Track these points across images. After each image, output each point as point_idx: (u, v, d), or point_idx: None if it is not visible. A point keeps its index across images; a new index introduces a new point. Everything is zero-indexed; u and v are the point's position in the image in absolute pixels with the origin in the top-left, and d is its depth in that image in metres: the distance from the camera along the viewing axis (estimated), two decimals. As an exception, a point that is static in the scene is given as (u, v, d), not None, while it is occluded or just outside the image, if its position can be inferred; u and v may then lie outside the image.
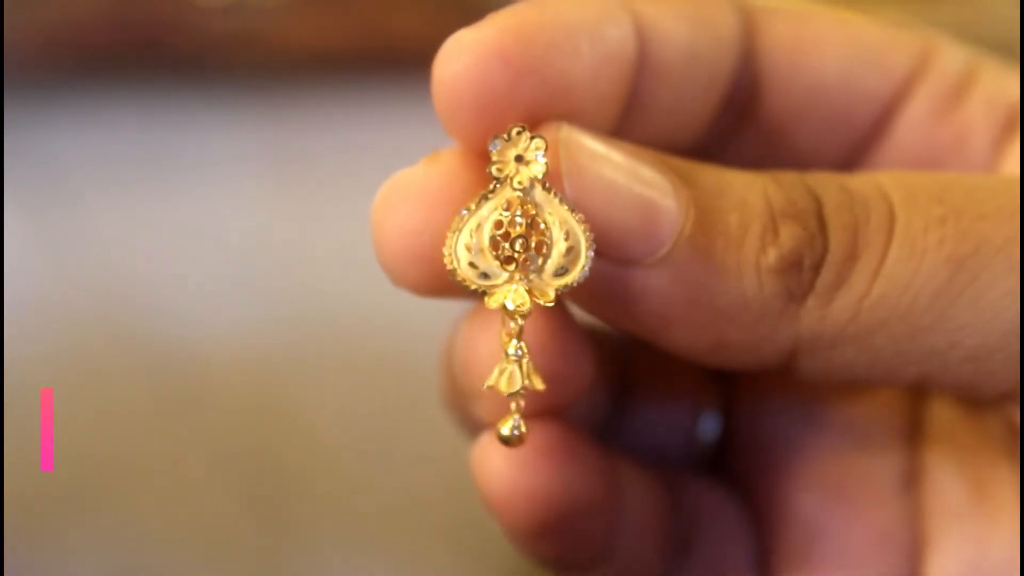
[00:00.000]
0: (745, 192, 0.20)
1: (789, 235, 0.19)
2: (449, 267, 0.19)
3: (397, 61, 0.54)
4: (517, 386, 0.19)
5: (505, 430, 0.19)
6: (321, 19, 0.57)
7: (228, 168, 0.54)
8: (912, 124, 0.24)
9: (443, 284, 0.20)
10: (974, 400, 0.24)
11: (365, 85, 0.55)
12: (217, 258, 0.52)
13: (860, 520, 0.24)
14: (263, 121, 0.55)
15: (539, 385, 0.19)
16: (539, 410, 0.21)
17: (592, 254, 0.19)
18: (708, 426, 0.26)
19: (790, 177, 0.20)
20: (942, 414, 0.25)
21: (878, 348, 0.20)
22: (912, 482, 0.25)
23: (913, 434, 0.25)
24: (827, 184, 0.20)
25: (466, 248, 0.19)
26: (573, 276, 0.19)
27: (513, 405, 0.19)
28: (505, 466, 0.21)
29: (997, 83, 0.24)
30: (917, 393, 0.25)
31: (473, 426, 0.23)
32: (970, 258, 0.19)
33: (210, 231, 0.52)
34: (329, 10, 0.56)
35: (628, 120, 0.21)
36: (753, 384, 0.26)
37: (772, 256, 0.19)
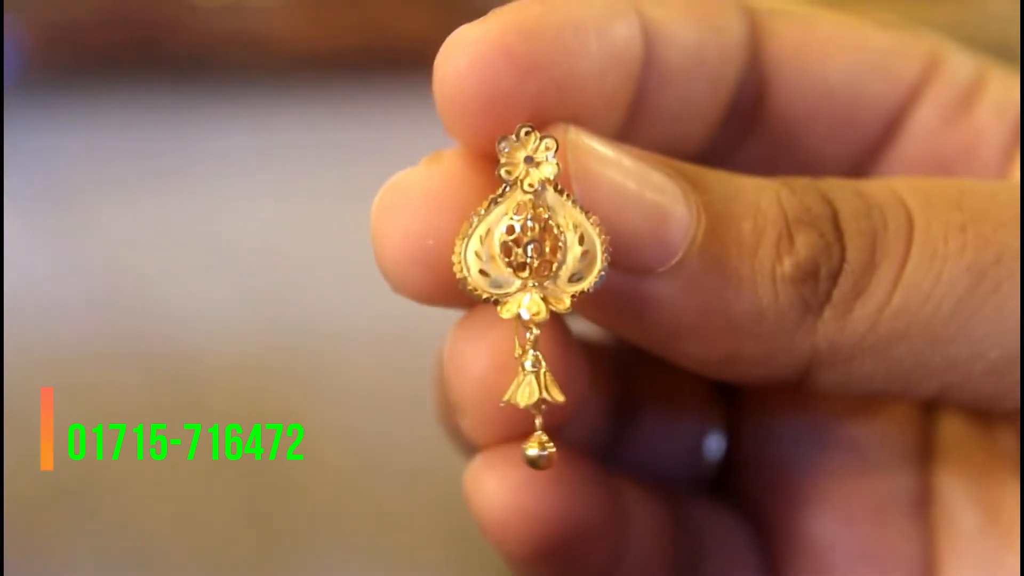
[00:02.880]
0: (758, 198, 0.19)
1: (805, 243, 0.19)
2: (459, 276, 0.18)
3: (397, 61, 0.54)
4: (535, 399, 0.18)
5: (532, 451, 0.19)
6: (320, 19, 0.56)
7: (227, 168, 0.54)
8: (921, 131, 0.23)
9: (446, 291, 0.19)
10: (993, 414, 0.23)
11: (364, 85, 0.55)
12: (216, 258, 0.51)
13: (870, 545, 0.24)
14: (262, 121, 0.55)
15: (559, 397, 0.18)
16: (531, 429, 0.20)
17: (608, 258, 0.18)
18: (713, 445, 0.26)
19: (803, 182, 0.20)
20: (952, 431, 0.24)
21: (898, 360, 0.19)
22: (923, 504, 0.24)
23: (923, 453, 0.24)
24: (842, 190, 0.20)
25: (476, 255, 0.18)
26: (589, 281, 0.18)
27: (538, 421, 0.19)
28: (500, 489, 0.20)
29: (1006, 90, 0.24)
30: (926, 410, 0.25)
31: (466, 441, 0.23)
32: (992, 266, 0.19)
33: (209, 231, 0.52)
34: (329, 10, 0.56)
35: (633, 124, 0.21)
36: (758, 402, 0.25)
37: (788, 265, 0.19)
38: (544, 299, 0.18)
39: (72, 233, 0.52)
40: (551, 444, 0.19)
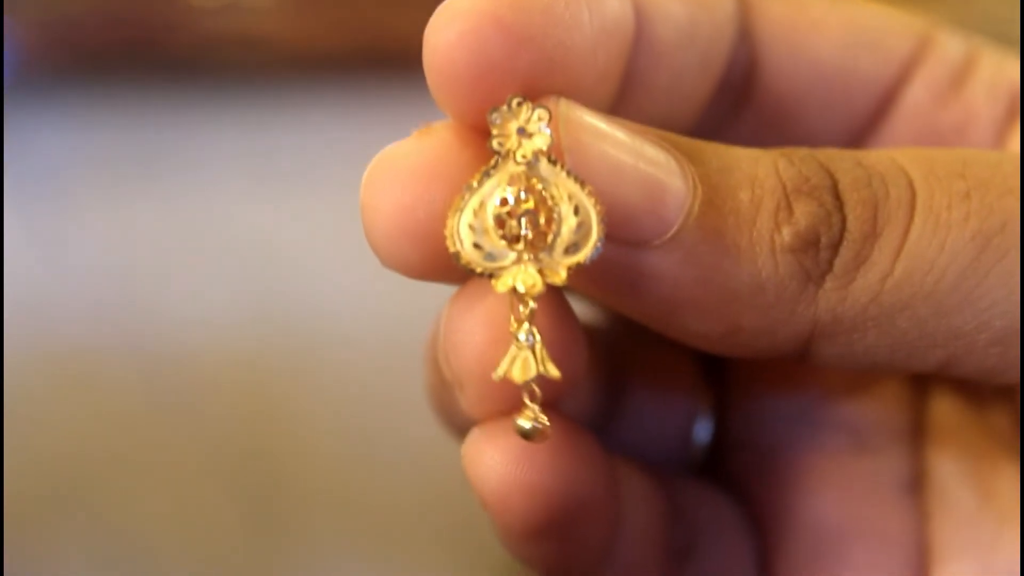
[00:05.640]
0: (755, 169, 0.19)
1: (804, 212, 0.19)
2: (452, 250, 0.18)
3: (394, 61, 0.54)
4: (532, 374, 0.18)
5: (524, 423, 0.18)
6: (317, 19, 0.56)
7: (224, 168, 0.54)
8: (913, 109, 0.23)
9: (436, 265, 0.19)
10: (994, 387, 0.23)
11: (361, 85, 0.55)
12: (211, 258, 0.51)
13: (864, 526, 0.24)
14: (259, 121, 0.55)
15: (555, 373, 0.18)
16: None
17: (604, 228, 0.18)
18: (702, 428, 0.25)
19: (801, 153, 0.20)
20: (944, 412, 0.24)
21: (901, 331, 0.19)
22: (916, 484, 0.24)
23: (915, 434, 0.24)
24: (841, 160, 0.19)
25: (470, 228, 0.18)
26: (585, 253, 0.18)
27: (526, 397, 0.18)
28: (500, 460, 0.20)
29: (998, 67, 0.23)
30: (918, 390, 0.24)
31: (459, 421, 0.22)
32: (998, 235, 0.19)
33: (205, 231, 0.52)
34: (325, 10, 0.56)
35: (623, 100, 0.21)
36: (749, 384, 0.25)
37: (787, 234, 0.19)
38: (540, 272, 0.18)
39: (71, 232, 0.52)
40: (544, 417, 0.18)
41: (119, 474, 0.46)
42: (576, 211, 0.18)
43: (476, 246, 0.18)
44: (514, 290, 0.18)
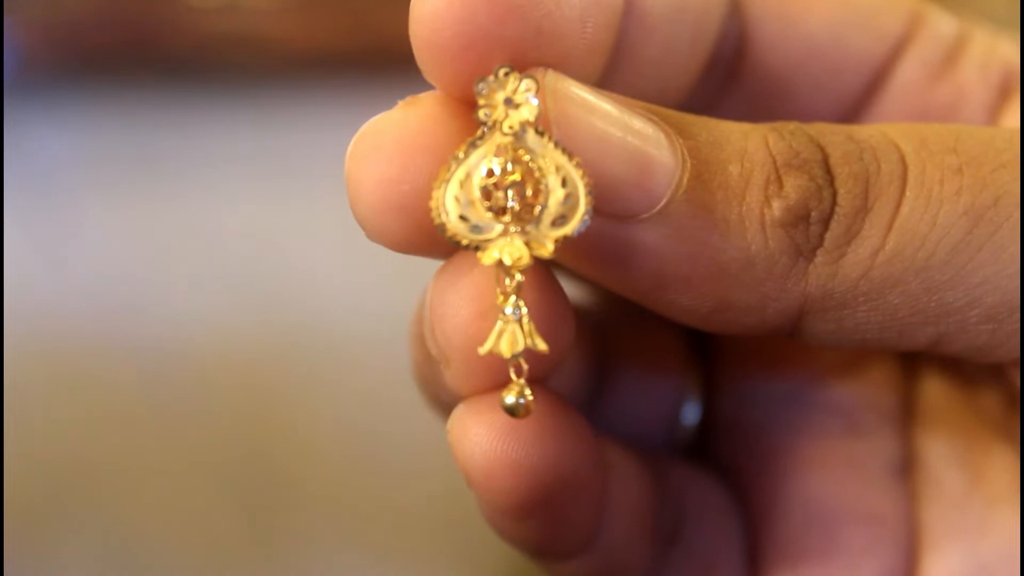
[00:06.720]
0: (744, 142, 0.19)
1: (794, 186, 0.18)
2: (437, 221, 0.18)
3: (392, 61, 0.54)
4: (519, 348, 0.18)
5: (510, 399, 0.18)
6: (316, 19, 0.56)
7: (222, 169, 0.54)
8: (905, 87, 0.23)
9: (422, 238, 0.19)
10: (985, 365, 0.23)
11: (360, 85, 0.55)
12: (210, 259, 0.51)
13: (854, 508, 0.23)
14: (258, 122, 0.55)
15: (542, 346, 0.18)
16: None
17: (592, 200, 0.18)
18: (692, 409, 0.25)
19: (791, 127, 0.19)
20: (934, 394, 0.24)
21: (892, 307, 0.19)
22: (906, 466, 0.24)
23: (905, 416, 0.24)
24: (832, 134, 0.19)
25: (455, 200, 0.18)
26: (572, 225, 0.18)
27: (512, 371, 0.18)
28: (486, 436, 0.19)
29: (989, 47, 0.23)
30: (908, 372, 0.24)
31: (445, 398, 0.22)
32: (990, 209, 0.18)
33: (203, 232, 0.52)
34: (324, 10, 0.56)
35: (613, 74, 0.20)
36: (738, 366, 0.25)
37: (777, 208, 0.18)
38: (526, 244, 0.18)
39: (71, 232, 0.52)
40: (529, 392, 0.18)
41: (119, 474, 0.46)
42: (563, 183, 0.18)
43: (462, 218, 0.18)
44: (500, 263, 0.18)
